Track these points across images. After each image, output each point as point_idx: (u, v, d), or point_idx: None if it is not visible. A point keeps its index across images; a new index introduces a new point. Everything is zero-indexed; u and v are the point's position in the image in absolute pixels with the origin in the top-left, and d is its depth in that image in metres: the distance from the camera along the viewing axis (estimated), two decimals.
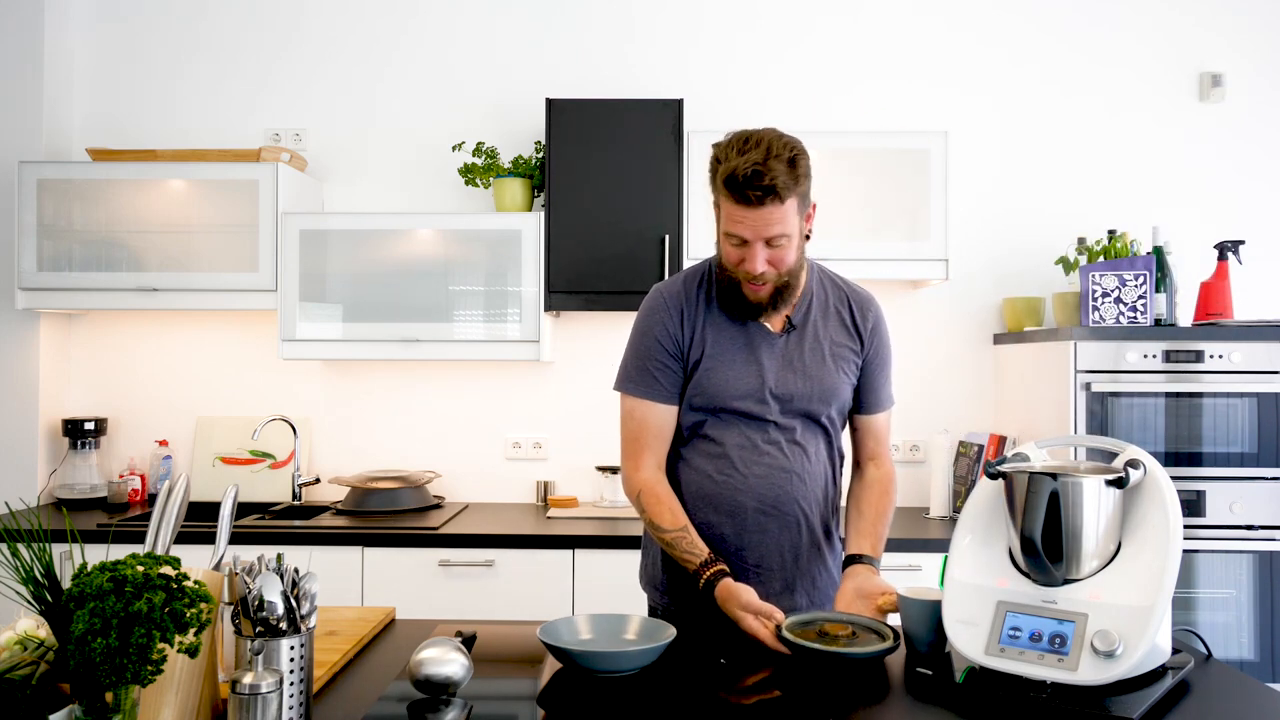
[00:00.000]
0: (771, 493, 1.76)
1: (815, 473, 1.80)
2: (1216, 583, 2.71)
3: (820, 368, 1.78)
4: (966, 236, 3.33)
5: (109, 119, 3.41)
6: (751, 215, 1.63)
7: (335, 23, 3.41)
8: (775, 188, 1.60)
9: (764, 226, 1.63)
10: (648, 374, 1.79)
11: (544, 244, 3.02)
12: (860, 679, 1.47)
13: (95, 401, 3.39)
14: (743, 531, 1.77)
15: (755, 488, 1.76)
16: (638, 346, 1.81)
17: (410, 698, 1.35)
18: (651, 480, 1.79)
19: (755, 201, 1.61)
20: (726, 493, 1.76)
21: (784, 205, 1.62)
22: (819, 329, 1.80)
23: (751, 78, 3.37)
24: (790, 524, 1.78)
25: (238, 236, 3.05)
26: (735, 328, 1.78)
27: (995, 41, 3.36)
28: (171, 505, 1.37)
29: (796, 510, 1.77)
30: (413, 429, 3.37)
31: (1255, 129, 3.33)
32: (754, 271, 1.67)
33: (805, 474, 1.78)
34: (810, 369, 1.77)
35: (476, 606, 2.71)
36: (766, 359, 1.77)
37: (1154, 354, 2.72)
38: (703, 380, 1.76)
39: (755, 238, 1.65)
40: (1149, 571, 1.36)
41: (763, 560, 1.78)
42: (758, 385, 1.75)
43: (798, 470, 1.77)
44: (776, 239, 1.65)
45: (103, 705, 1.04)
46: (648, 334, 1.80)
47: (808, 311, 1.81)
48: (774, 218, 1.62)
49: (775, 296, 1.72)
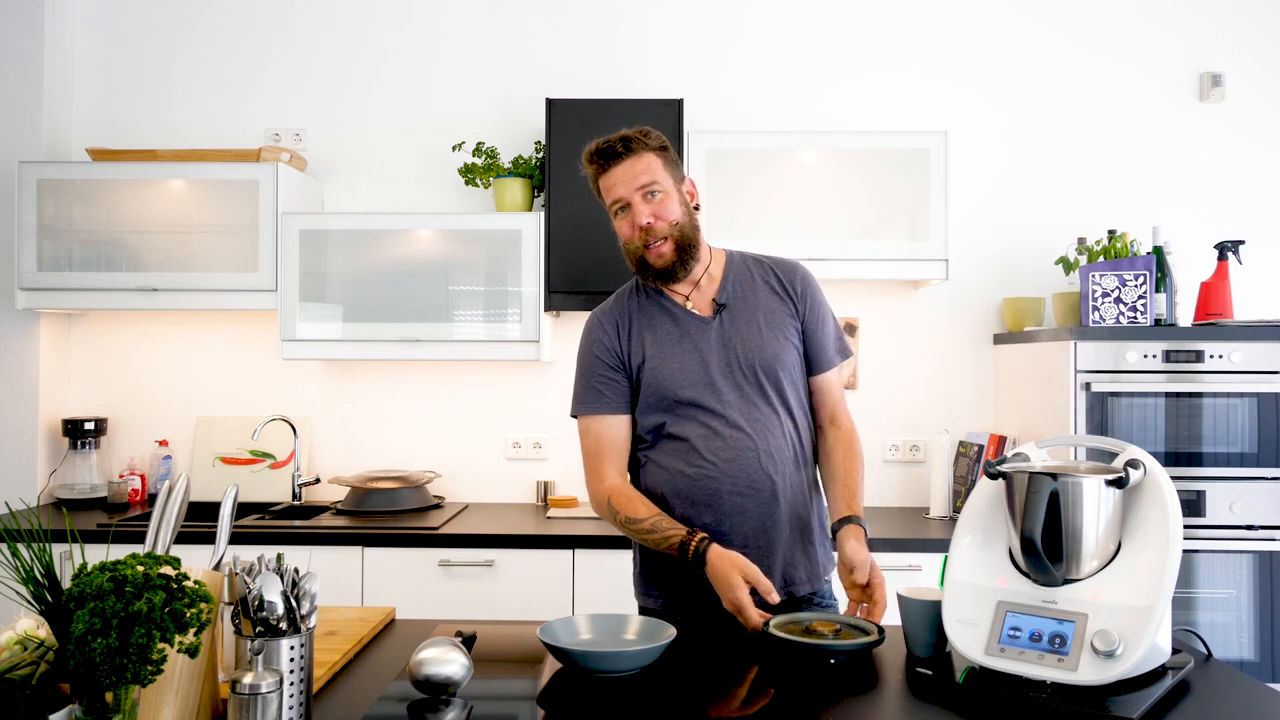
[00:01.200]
0: (743, 474, 1.79)
1: (782, 445, 1.82)
2: (1216, 583, 2.71)
3: (758, 338, 1.83)
4: (967, 236, 3.33)
5: (109, 119, 3.41)
6: (616, 172, 1.80)
7: (336, 23, 3.41)
8: (628, 139, 1.80)
9: (632, 178, 1.79)
10: (593, 390, 1.88)
11: (544, 244, 3.02)
12: (849, 676, 1.47)
13: (95, 401, 3.39)
14: (722, 517, 1.79)
15: (726, 471, 1.79)
16: (581, 369, 1.92)
17: (410, 697, 1.35)
18: (618, 484, 1.86)
19: (614, 155, 1.80)
20: (700, 482, 1.79)
21: (643, 157, 1.79)
22: (749, 302, 1.87)
23: (751, 78, 3.37)
24: (765, 500, 1.80)
25: (238, 236, 3.05)
26: (670, 324, 1.86)
27: (996, 41, 3.36)
28: (171, 505, 1.37)
29: (769, 485, 1.80)
30: (413, 429, 3.37)
31: (1255, 129, 3.33)
32: (642, 223, 1.79)
33: (772, 449, 1.81)
34: (749, 341, 1.83)
35: (476, 606, 2.71)
36: (704, 345, 1.83)
37: (1154, 354, 2.72)
38: (651, 380, 1.83)
39: (630, 193, 1.79)
40: (1149, 571, 1.36)
41: (747, 541, 1.79)
42: (702, 371, 1.81)
43: (763, 446, 1.80)
44: (649, 188, 1.79)
45: (103, 705, 1.04)
46: (588, 354, 1.91)
47: (733, 290, 1.88)
48: (638, 168, 1.79)
49: (681, 256, 1.82)
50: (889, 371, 3.34)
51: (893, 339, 3.36)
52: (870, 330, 3.35)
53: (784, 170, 3.03)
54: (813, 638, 1.53)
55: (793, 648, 1.52)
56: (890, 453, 3.32)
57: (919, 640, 1.56)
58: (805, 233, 2.99)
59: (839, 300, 3.35)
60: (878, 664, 1.54)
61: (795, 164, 3.02)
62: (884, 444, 3.32)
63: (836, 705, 1.36)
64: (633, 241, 1.82)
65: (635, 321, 1.88)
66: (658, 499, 1.84)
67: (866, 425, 3.29)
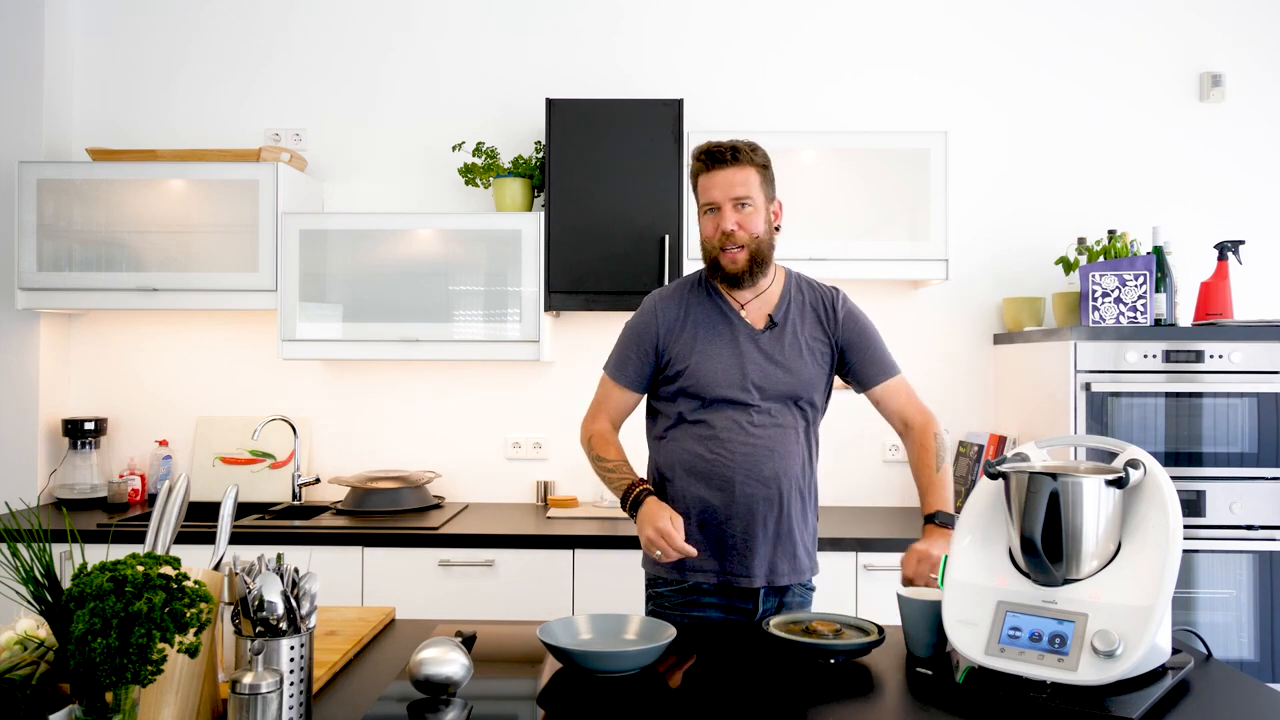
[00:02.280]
0: (756, 469, 1.93)
1: (793, 452, 1.97)
2: (1216, 583, 2.71)
3: (798, 361, 1.98)
4: (967, 236, 3.33)
5: (109, 119, 3.41)
6: (719, 176, 1.92)
7: (336, 23, 3.41)
8: (737, 149, 1.93)
9: (730, 187, 1.91)
10: (625, 360, 2.05)
11: (544, 244, 3.02)
12: (849, 676, 1.47)
13: (95, 401, 3.39)
14: (730, 503, 1.93)
15: (742, 464, 1.93)
16: (624, 337, 2.08)
17: (410, 697, 1.35)
18: (604, 429, 2.08)
19: (721, 160, 1.92)
20: (716, 469, 1.94)
21: (745, 170, 1.92)
22: (797, 327, 2.01)
23: (751, 78, 3.37)
24: (772, 497, 1.93)
25: (238, 236, 3.05)
26: (724, 326, 1.99)
27: (995, 41, 3.36)
28: (171, 505, 1.37)
29: (777, 485, 1.94)
30: (413, 429, 3.37)
31: (1255, 129, 3.33)
32: (726, 228, 1.92)
33: (785, 453, 1.95)
34: (789, 362, 1.98)
35: (476, 606, 2.70)
36: (749, 352, 1.97)
37: (1154, 354, 2.72)
38: (693, 372, 1.96)
39: (724, 199, 1.92)
40: (1149, 571, 1.36)
41: (748, 529, 1.93)
42: (740, 376, 1.95)
43: (779, 449, 1.95)
44: (742, 200, 1.92)
45: (103, 705, 1.04)
46: (634, 329, 2.06)
47: (787, 311, 2.02)
48: (737, 179, 1.92)
49: (752, 267, 1.94)
50: None
51: (892, 339, 3.30)
52: None
53: (784, 170, 2.99)
54: (812, 638, 1.53)
55: (793, 648, 1.52)
56: (890, 453, 3.32)
57: (919, 640, 1.56)
58: (805, 233, 2.99)
59: None
60: (878, 664, 1.54)
61: (795, 164, 3.02)
62: (884, 444, 3.32)
63: (836, 705, 1.36)
64: (712, 241, 1.96)
65: (690, 314, 2.01)
66: (671, 473, 1.99)
67: (867, 425, 3.30)
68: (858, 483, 3.31)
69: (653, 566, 2.02)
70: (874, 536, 2.74)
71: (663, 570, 1.99)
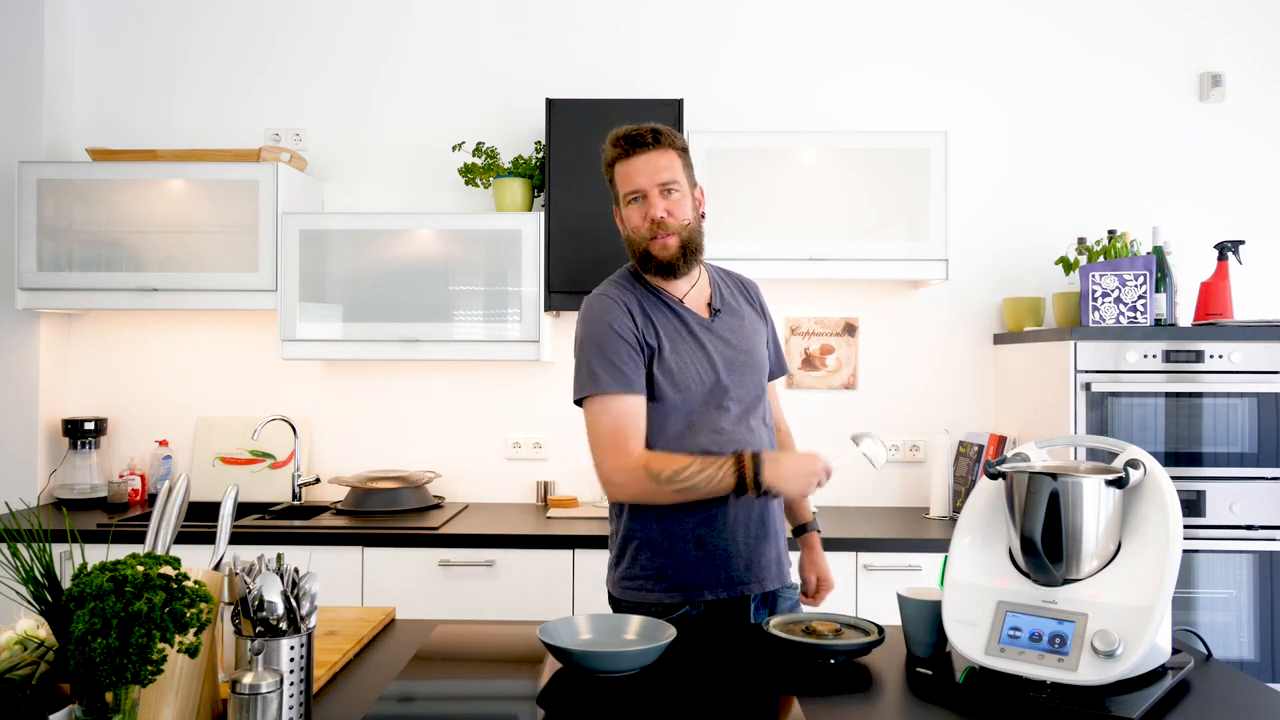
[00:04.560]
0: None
1: (765, 442, 1.90)
2: (1216, 583, 2.71)
3: (751, 342, 1.92)
4: (966, 236, 3.33)
5: (109, 119, 3.41)
6: (640, 162, 1.81)
7: (335, 23, 3.41)
8: (659, 132, 1.83)
9: (655, 172, 1.81)
10: (615, 368, 1.78)
11: (544, 244, 3.02)
12: (849, 676, 1.47)
13: (95, 401, 3.39)
14: (722, 509, 1.81)
15: None
16: (600, 346, 1.81)
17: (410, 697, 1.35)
18: (648, 452, 1.77)
19: (642, 144, 1.81)
20: None
21: (668, 153, 1.82)
22: (736, 310, 1.95)
23: (751, 78, 3.37)
24: (747, 499, 1.78)
25: (238, 236, 3.05)
26: (676, 319, 1.87)
27: (995, 41, 3.36)
28: (171, 505, 1.37)
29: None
30: (413, 429, 3.37)
31: (1255, 129, 3.33)
32: (656, 215, 1.80)
33: (763, 443, 1.88)
34: (745, 345, 1.90)
35: (476, 606, 2.71)
36: (710, 344, 1.87)
37: (1154, 354, 2.72)
38: (668, 372, 1.81)
39: (650, 184, 1.81)
40: (1149, 571, 1.36)
41: (748, 532, 1.84)
42: (711, 370, 1.84)
43: (758, 442, 1.87)
44: (668, 185, 1.81)
45: (103, 705, 1.04)
46: (607, 332, 1.81)
47: (723, 297, 1.95)
48: (661, 163, 1.81)
49: (684, 255, 1.83)
50: (889, 371, 3.34)
51: (893, 339, 3.36)
52: (870, 330, 3.35)
53: (784, 170, 3.03)
54: (812, 638, 1.53)
55: (792, 648, 1.52)
56: (890, 453, 3.32)
57: (919, 640, 1.56)
58: (805, 233, 2.99)
59: (839, 300, 3.35)
60: (878, 664, 1.54)
61: (795, 164, 3.02)
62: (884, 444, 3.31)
63: (836, 705, 1.36)
64: (640, 231, 1.83)
65: (646, 309, 1.85)
66: None
67: (866, 425, 3.30)
68: (858, 483, 3.31)
69: (642, 595, 1.83)
70: (874, 536, 2.74)
71: (661, 596, 1.81)
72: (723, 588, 1.82)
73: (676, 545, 1.81)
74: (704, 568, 1.81)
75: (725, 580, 1.82)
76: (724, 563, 1.82)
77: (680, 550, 1.81)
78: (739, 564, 1.83)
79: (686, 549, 1.81)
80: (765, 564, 1.86)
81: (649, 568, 1.83)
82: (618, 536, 1.90)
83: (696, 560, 1.81)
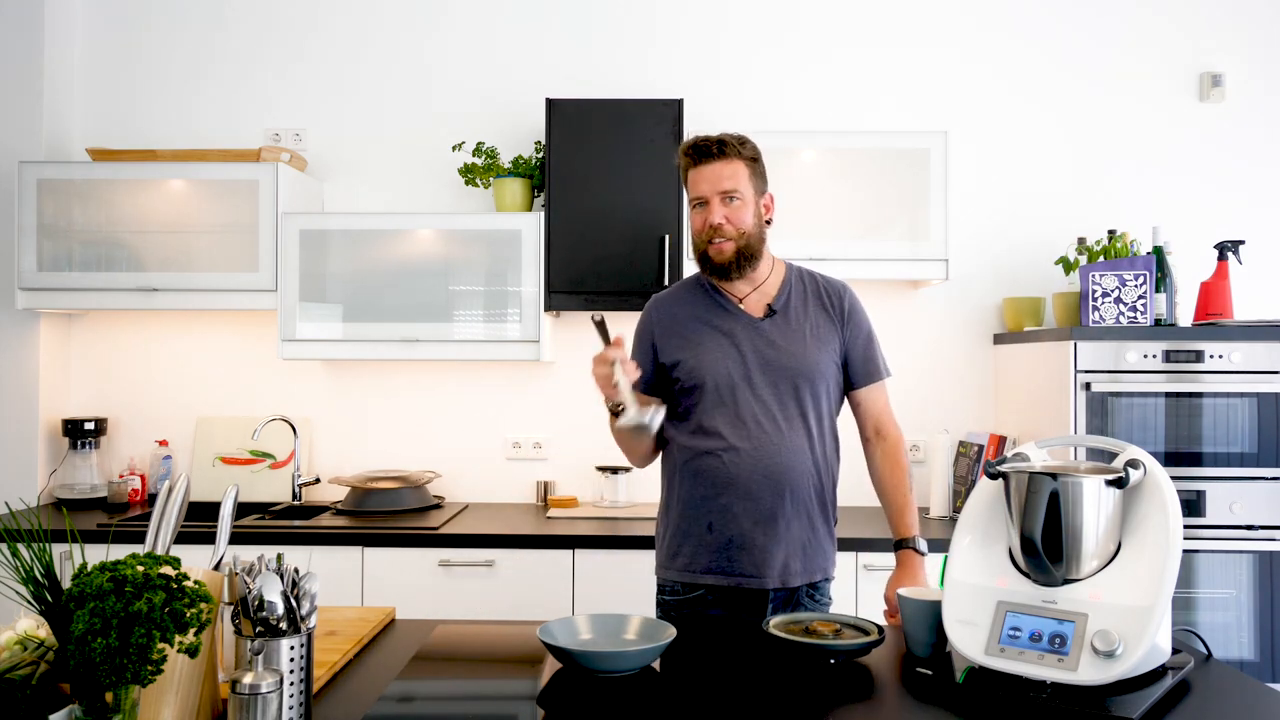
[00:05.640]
0: (760, 464, 1.89)
1: (801, 446, 1.93)
2: (1216, 583, 2.71)
3: (801, 346, 1.95)
4: (966, 236, 3.33)
5: (109, 119, 3.41)
6: (706, 171, 1.91)
7: (335, 23, 3.41)
8: (724, 143, 1.92)
9: (717, 180, 1.90)
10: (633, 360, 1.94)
11: (544, 244, 3.02)
12: (849, 676, 1.47)
13: (95, 401, 3.39)
14: (735, 499, 1.89)
15: (746, 458, 1.89)
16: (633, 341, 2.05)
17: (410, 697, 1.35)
18: None
19: (708, 155, 1.91)
20: (723, 462, 1.90)
21: (733, 163, 1.91)
22: (799, 314, 2.00)
23: (751, 78, 3.37)
24: (777, 491, 1.89)
25: (238, 236, 3.05)
26: (720, 319, 1.98)
27: (996, 41, 3.36)
28: (171, 505, 1.37)
29: (783, 479, 1.90)
30: (413, 429, 3.37)
31: (1255, 129, 3.33)
32: (714, 222, 1.90)
33: (793, 447, 1.92)
34: (792, 348, 1.95)
35: (476, 606, 2.70)
36: (746, 342, 1.94)
37: (1154, 354, 2.72)
38: (690, 363, 1.94)
39: (712, 192, 1.91)
40: (1149, 571, 1.36)
41: (756, 522, 1.89)
42: (740, 365, 1.92)
43: (786, 444, 1.91)
44: (730, 194, 1.91)
45: (103, 705, 1.04)
46: (636, 330, 2.08)
47: (787, 299, 2.01)
48: (725, 172, 1.91)
49: (739, 260, 1.93)
50: None
51: (892, 339, 3.34)
52: None
53: (784, 170, 3.02)
54: (813, 638, 1.53)
55: (793, 648, 1.52)
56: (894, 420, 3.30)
57: (919, 640, 1.56)
58: (805, 233, 2.99)
59: None
60: (878, 664, 1.54)
61: (796, 164, 3.02)
62: None
63: (836, 705, 1.36)
64: (700, 235, 1.94)
65: (687, 310, 2.00)
66: (676, 474, 1.97)
67: None
68: (858, 483, 3.30)
69: (663, 572, 1.99)
70: (874, 536, 2.74)
71: (670, 575, 1.96)
72: (725, 577, 1.90)
73: (693, 529, 1.93)
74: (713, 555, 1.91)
75: (728, 571, 1.91)
76: (730, 553, 1.90)
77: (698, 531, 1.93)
78: (743, 556, 1.90)
79: (700, 531, 1.92)
80: (771, 562, 1.90)
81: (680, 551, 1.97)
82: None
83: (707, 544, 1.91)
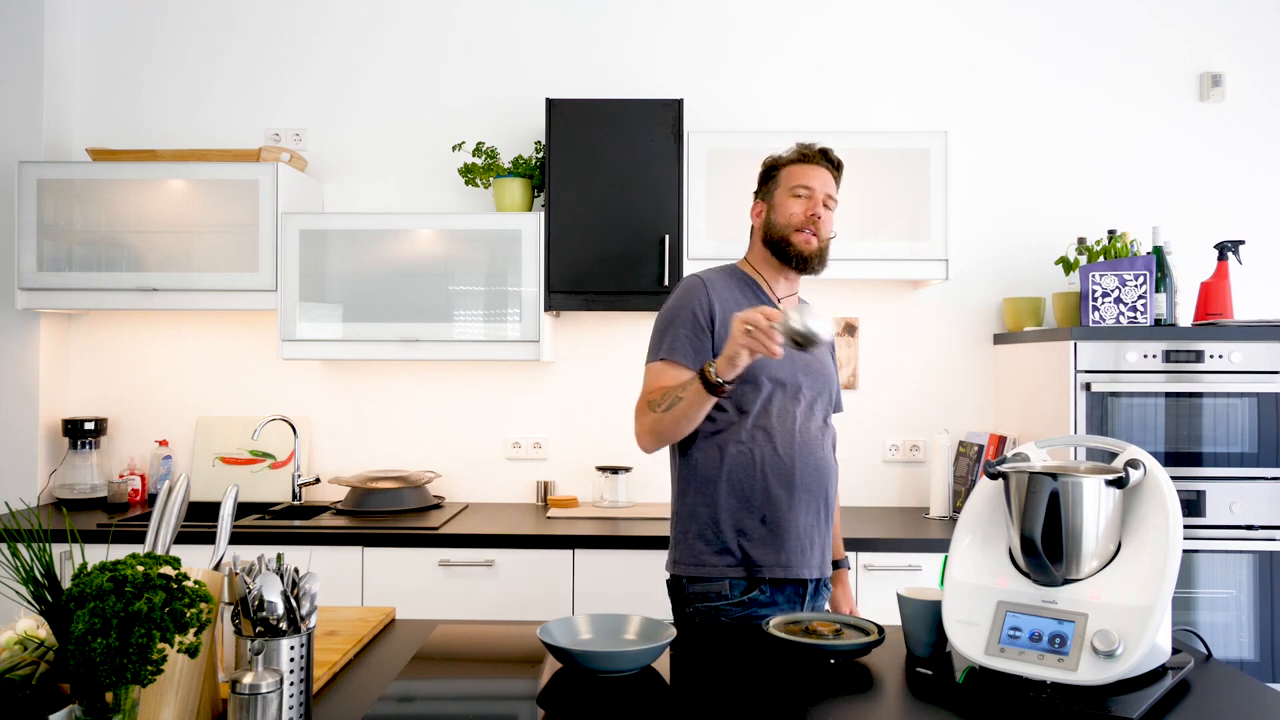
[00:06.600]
0: (812, 460, 1.95)
1: (829, 450, 2.03)
2: (1216, 583, 2.71)
3: (826, 356, 2.07)
4: (966, 236, 3.33)
5: (109, 119, 3.41)
6: (816, 172, 2.01)
7: (336, 23, 3.41)
8: (839, 162, 2.06)
9: (825, 184, 2.01)
10: (675, 340, 1.93)
11: (544, 244, 3.02)
12: (849, 676, 1.47)
13: (95, 401, 3.39)
14: (793, 492, 1.92)
15: (797, 457, 1.93)
16: (674, 319, 1.95)
17: (410, 697, 1.35)
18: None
19: (821, 159, 2.03)
20: (783, 461, 1.92)
21: (835, 176, 2.04)
22: None
23: (751, 78, 3.37)
24: (826, 486, 1.98)
25: (238, 236, 3.05)
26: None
27: (996, 41, 3.36)
28: (171, 505, 1.37)
29: (829, 474, 2.00)
30: (413, 429, 3.37)
31: (1255, 129, 3.33)
32: (815, 211, 1.98)
33: (829, 445, 2.04)
34: (822, 356, 2.04)
35: (476, 606, 2.71)
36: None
37: (1154, 354, 2.72)
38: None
39: (820, 189, 2.00)
40: (1149, 571, 1.36)
41: (811, 516, 1.94)
42: (789, 366, 1.94)
43: (824, 443, 2.01)
44: (829, 199, 2.02)
45: (103, 705, 1.04)
46: (684, 308, 1.95)
47: None
48: (831, 181, 2.03)
49: (819, 254, 2.00)
50: (889, 371, 3.34)
51: (893, 339, 3.36)
52: (870, 330, 3.35)
53: None
54: (813, 638, 1.53)
55: (793, 648, 1.52)
56: (890, 453, 3.32)
57: (919, 640, 1.56)
58: None
59: (839, 300, 3.35)
60: (878, 664, 1.54)
61: None
62: (884, 444, 3.32)
63: (836, 705, 1.36)
64: (796, 218, 1.98)
65: (740, 295, 1.99)
66: (736, 474, 1.91)
67: (866, 425, 3.30)
68: (858, 483, 3.31)
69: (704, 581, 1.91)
70: (874, 536, 2.74)
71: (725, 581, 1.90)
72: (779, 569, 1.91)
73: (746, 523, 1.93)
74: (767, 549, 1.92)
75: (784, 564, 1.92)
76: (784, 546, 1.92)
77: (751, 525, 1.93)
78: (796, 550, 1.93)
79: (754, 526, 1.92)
80: (813, 550, 1.95)
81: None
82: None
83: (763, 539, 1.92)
